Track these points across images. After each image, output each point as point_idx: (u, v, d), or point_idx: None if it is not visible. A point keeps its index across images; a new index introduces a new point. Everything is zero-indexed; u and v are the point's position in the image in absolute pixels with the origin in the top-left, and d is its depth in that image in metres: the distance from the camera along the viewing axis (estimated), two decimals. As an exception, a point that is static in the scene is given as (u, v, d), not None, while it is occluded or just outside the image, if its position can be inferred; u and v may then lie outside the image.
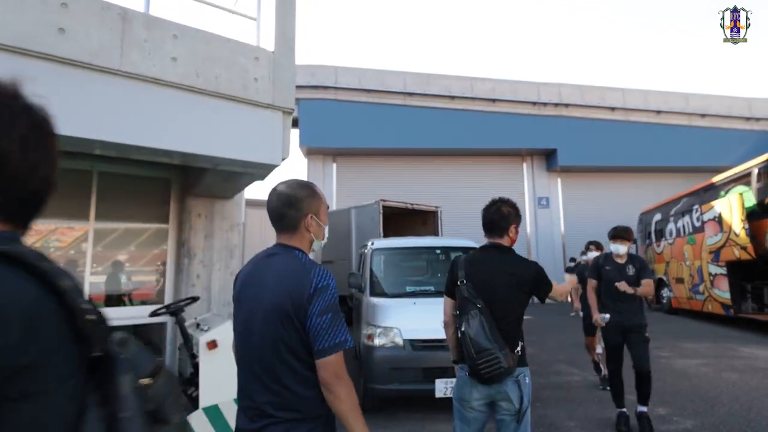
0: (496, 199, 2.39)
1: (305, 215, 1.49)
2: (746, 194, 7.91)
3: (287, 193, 1.50)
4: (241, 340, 1.46)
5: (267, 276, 1.44)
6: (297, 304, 1.34)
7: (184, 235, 4.95)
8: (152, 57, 3.00)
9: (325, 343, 1.31)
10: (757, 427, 3.79)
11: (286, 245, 1.50)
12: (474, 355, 2.01)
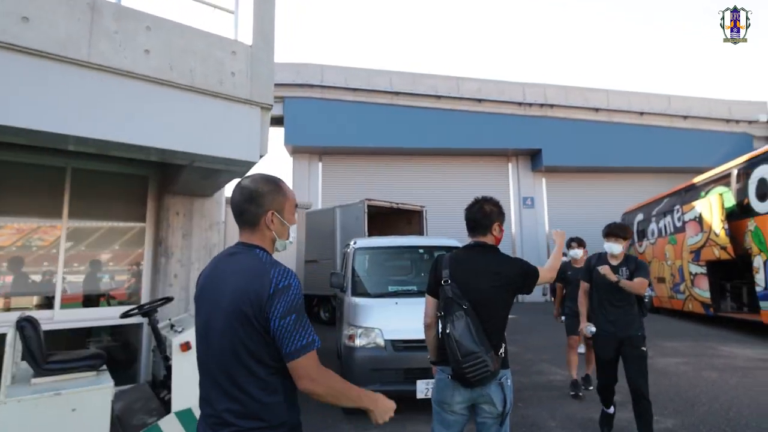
0: (479, 197, 2.34)
1: (266, 212, 1.41)
2: (726, 195, 8.04)
3: (249, 188, 1.42)
4: (200, 344, 1.39)
5: (226, 276, 1.36)
6: (256, 306, 1.26)
7: (162, 234, 4.83)
8: (124, 49, 2.89)
9: (291, 346, 1.24)
10: (736, 426, 3.82)
11: (247, 243, 1.42)
12: (460, 358, 1.94)
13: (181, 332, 3.22)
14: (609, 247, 3.56)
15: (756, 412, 4.12)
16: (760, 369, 5.66)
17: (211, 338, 1.34)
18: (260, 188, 1.42)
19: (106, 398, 2.79)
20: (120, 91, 2.94)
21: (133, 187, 5.03)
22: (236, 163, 3.46)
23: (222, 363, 1.30)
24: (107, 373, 3.03)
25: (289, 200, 1.47)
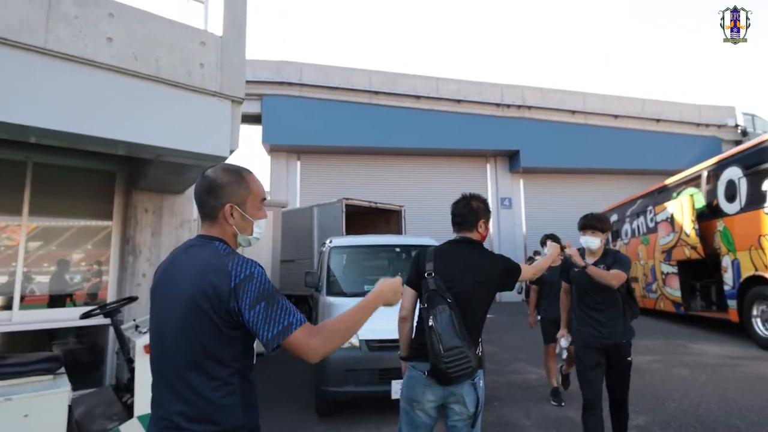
0: (465, 194, 2.31)
1: (224, 204, 1.32)
2: (696, 196, 8.24)
3: (209, 178, 1.34)
4: (153, 341, 1.30)
5: (182, 270, 1.28)
6: (216, 302, 1.18)
7: (129, 232, 4.66)
8: (84, 36, 2.75)
9: (267, 334, 1.16)
10: (705, 422, 3.88)
11: (206, 236, 1.34)
12: (442, 352, 1.88)
13: (146, 333, 3.09)
14: (585, 241, 3.10)
15: (724, 408, 4.20)
16: (728, 366, 5.80)
17: (165, 336, 1.26)
18: (220, 179, 1.33)
19: (62, 403, 2.64)
20: (82, 81, 2.80)
21: (99, 183, 4.84)
22: (206, 158, 3.34)
23: (176, 362, 1.22)
24: (65, 376, 2.88)
25: (252, 193, 1.38)
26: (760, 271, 6.62)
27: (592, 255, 3.12)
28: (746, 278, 6.95)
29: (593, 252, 3.11)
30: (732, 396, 4.54)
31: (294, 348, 1.18)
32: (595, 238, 3.06)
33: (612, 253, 3.13)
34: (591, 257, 3.11)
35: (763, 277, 6.57)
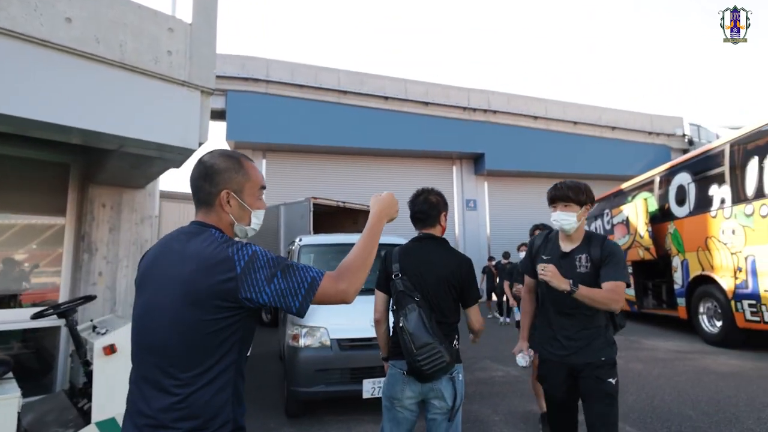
0: (420, 189, 2.31)
1: (220, 191, 1.26)
2: (650, 200, 8.67)
3: (205, 163, 1.28)
4: (138, 334, 1.22)
5: (176, 259, 1.20)
6: (221, 292, 1.12)
7: (85, 228, 4.39)
8: (40, 15, 2.56)
9: (295, 302, 1.14)
10: (660, 412, 4.07)
11: (201, 222, 1.27)
12: (415, 350, 1.88)
13: (105, 334, 2.92)
14: (557, 218, 2.23)
15: (676, 399, 4.43)
16: (678, 360, 6.12)
17: (153, 328, 1.17)
18: (217, 164, 1.27)
19: (11, 410, 2.44)
20: (35, 63, 2.61)
21: (50, 176, 4.53)
22: (172, 150, 3.19)
23: (164, 355, 1.14)
24: (13, 381, 2.67)
25: (251, 181, 1.32)
26: (707, 271, 7.04)
27: (568, 240, 2.27)
28: (694, 277, 7.37)
29: (569, 236, 2.26)
30: (683, 388, 4.79)
31: (326, 299, 1.18)
32: (569, 213, 2.20)
33: (597, 239, 2.25)
34: (567, 243, 2.28)
35: (709, 277, 6.98)
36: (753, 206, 6.13)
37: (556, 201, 2.27)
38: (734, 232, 6.47)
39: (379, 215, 1.41)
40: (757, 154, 6.15)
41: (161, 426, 1.11)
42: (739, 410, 4.06)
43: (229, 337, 1.17)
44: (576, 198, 2.23)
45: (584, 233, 2.29)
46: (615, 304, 2.05)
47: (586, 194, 2.26)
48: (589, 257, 2.20)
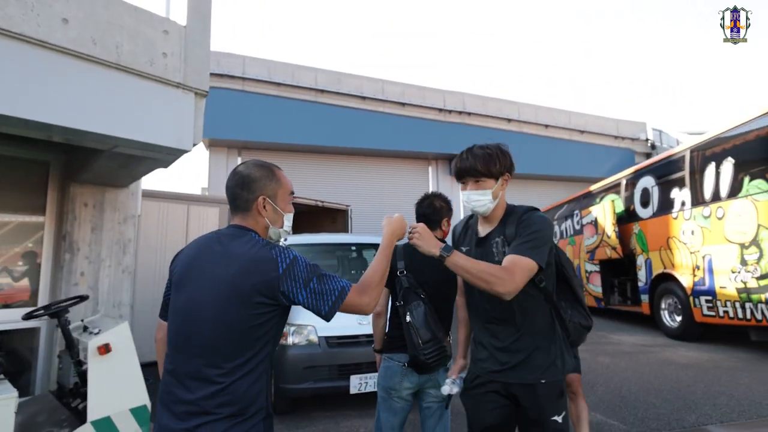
0: (428, 193, 2.46)
1: (257, 197, 1.40)
2: (616, 202, 9.12)
3: (242, 173, 1.43)
4: (181, 328, 1.32)
5: (219, 258, 1.32)
6: (266, 288, 1.25)
7: (67, 227, 4.32)
8: (37, 15, 2.56)
9: (325, 306, 1.28)
10: (627, 402, 4.37)
11: (240, 226, 1.41)
12: (421, 345, 2.01)
13: (98, 334, 2.93)
14: (467, 199, 1.76)
15: (642, 389, 4.75)
16: (642, 353, 6.51)
17: (198, 323, 1.28)
18: (252, 173, 1.42)
19: (8, 410, 2.44)
20: (34, 63, 2.59)
21: (29, 174, 4.44)
22: (164, 150, 3.22)
23: (208, 347, 1.25)
24: (7, 382, 2.66)
25: (283, 187, 1.48)
26: (668, 269, 7.49)
27: (486, 223, 1.82)
28: (656, 275, 7.82)
29: (485, 217, 1.81)
30: (647, 378, 5.13)
31: (350, 309, 1.31)
32: (481, 192, 1.73)
33: (515, 214, 1.76)
34: (485, 226, 1.83)
35: (670, 275, 7.44)
36: (710, 209, 6.58)
37: (464, 176, 1.77)
38: (693, 233, 6.92)
39: (391, 236, 1.56)
40: (714, 160, 6.60)
41: (203, 412, 1.21)
42: (697, 397, 4.41)
43: (267, 332, 1.30)
44: (487, 170, 1.71)
45: (504, 211, 1.79)
46: (499, 284, 1.49)
47: (499, 162, 1.71)
48: (505, 239, 1.70)
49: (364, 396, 4.10)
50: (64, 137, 3.08)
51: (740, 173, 6.12)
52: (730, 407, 4.11)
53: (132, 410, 2.90)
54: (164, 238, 6.19)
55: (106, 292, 4.48)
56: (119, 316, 4.52)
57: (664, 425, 3.77)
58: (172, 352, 1.33)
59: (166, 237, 6.20)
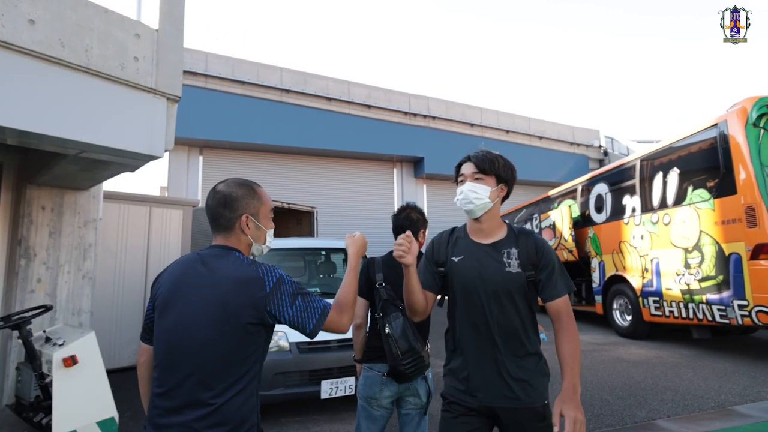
0: (404, 205, 2.54)
1: (240, 216, 1.41)
2: (573, 207, 9.56)
3: (223, 192, 1.42)
4: (169, 351, 1.31)
5: (205, 279, 1.33)
6: (253, 308, 1.27)
7: (22, 232, 4.12)
8: (1, 15, 2.45)
9: (310, 324, 1.33)
10: (584, 399, 4.63)
11: (224, 246, 1.41)
12: (400, 355, 2.08)
13: (63, 345, 2.83)
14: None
15: (597, 386, 5.05)
16: (597, 351, 6.89)
17: (189, 344, 1.28)
18: (234, 192, 1.42)
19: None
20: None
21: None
22: (138, 157, 3.14)
23: (202, 368, 1.26)
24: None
25: (264, 204, 1.49)
26: (620, 272, 7.95)
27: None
28: (609, 277, 8.28)
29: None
30: (601, 376, 5.45)
31: (331, 327, 1.38)
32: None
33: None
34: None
35: (622, 277, 7.90)
36: (657, 215, 7.05)
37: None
38: (642, 238, 7.38)
39: (357, 255, 1.66)
40: (662, 170, 7.08)
41: None
42: (646, 393, 4.73)
43: (256, 350, 1.33)
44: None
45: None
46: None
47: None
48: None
49: (334, 401, 4.15)
50: (18, 140, 2.95)
51: (684, 183, 6.60)
52: (675, 402, 4.45)
53: (99, 423, 2.82)
54: (125, 242, 5.98)
55: (65, 299, 4.30)
56: (79, 324, 4.35)
57: (617, 420, 4.04)
58: (159, 375, 1.31)
59: (126, 240, 5.98)
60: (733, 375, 5.31)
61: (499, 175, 1.70)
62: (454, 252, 1.73)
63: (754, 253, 5.42)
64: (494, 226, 1.71)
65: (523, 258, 1.63)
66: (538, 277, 1.62)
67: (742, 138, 5.65)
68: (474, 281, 1.63)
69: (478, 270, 1.63)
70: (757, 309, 5.37)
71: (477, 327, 1.64)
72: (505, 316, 1.60)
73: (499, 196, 1.73)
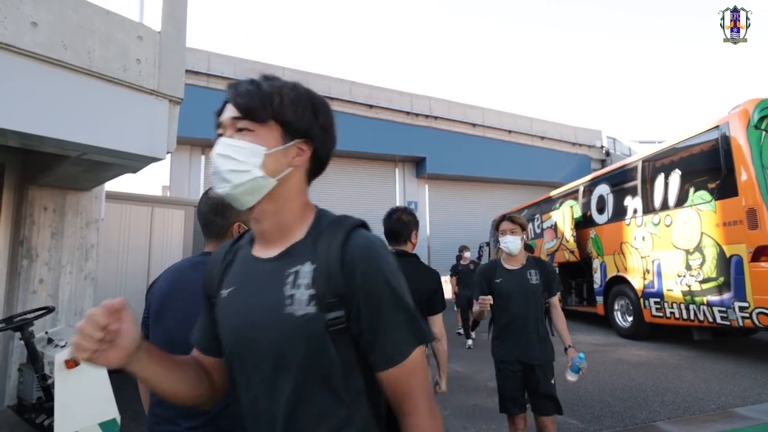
0: (394, 208, 2.54)
1: (233, 223, 1.41)
2: (575, 207, 9.56)
3: (215, 199, 1.41)
4: None
5: (197, 288, 1.31)
6: None
7: (24, 232, 4.13)
8: (4, 17, 2.46)
9: None
10: (585, 400, 4.64)
11: None
12: None
13: (65, 347, 2.84)
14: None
15: (597, 387, 5.05)
16: (598, 352, 6.89)
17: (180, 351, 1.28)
18: (226, 199, 1.40)
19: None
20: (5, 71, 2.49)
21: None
22: (140, 159, 3.15)
23: None
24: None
25: None
26: (621, 273, 7.95)
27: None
28: (610, 278, 8.28)
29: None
30: (602, 377, 5.45)
31: None
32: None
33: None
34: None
35: (623, 278, 7.89)
36: (659, 216, 7.04)
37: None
38: (644, 239, 7.38)
39: None
40: (663, 171, 7.07)
41: None
42: (647, 395, 4.73)
43: None
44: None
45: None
46: None
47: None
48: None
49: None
50: (20, 142, 2.96)
51: (686, 184, 6.59)
52: (676, 404, 4.45)
53: (101, 424, 2.83)
54: (127, 242, 5.99)
55: (67, 299, 4.31)
56: (81, 325, 4.36)
57: (618, 422, 4.04)
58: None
59: (128, 240, 6.00)
60: (733, 377, 5.30)
61: (286, 121, 0.88)
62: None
63: (755, 255, 5.42)
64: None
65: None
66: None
67: (744, 140, 5.64)
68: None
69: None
70: (757, 311, 5.36)
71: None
72: None
73: (293, 163, 0.90)
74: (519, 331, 2.78)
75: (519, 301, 2.74)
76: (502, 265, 2.88)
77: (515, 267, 2.83)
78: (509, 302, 2.76)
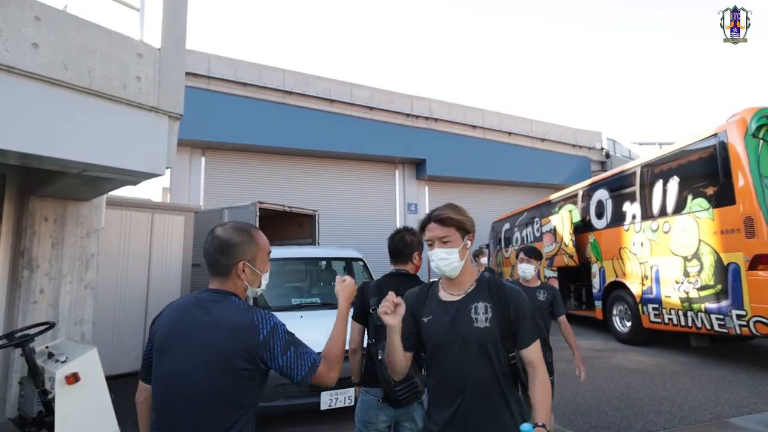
0: (400, 228, 2.56)
1: (237, 262, 1.44)
2: (574, 212, 9.58)
3: (220, 238, 1.45)
4: (167, 395, 1.35)
5: (203, 324, 1.36)
6: (247, 354, 1.31)
7: (25, 243, 4.16)
8: (6, 40, 2.48)
9: (300, 372, 1.38)
10: (582, 410, 4.67)
11: (220, 291, 1.44)
12: (393, 382, 2.10)
13: (66, 362, 2.88)
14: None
15: (594, 396, 5.08)
16: (596, 358, 6.92)
17: (187, 389, 1.32)
18: (232, 239, 1.45)
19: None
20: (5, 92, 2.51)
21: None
22: (139, 175, 3.18)
23: (196, 411, 1.30)
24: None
25: (261, 249, 1.52)
26: (620, 278, 7.97)
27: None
28: (609, 283, 8.30)
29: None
30: (600, 385, 5.48)
31: (319, 381, 1.41)
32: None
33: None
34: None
35: (621, 283, 7.92)
36: (657, 223, 7.06)
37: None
38: (642, 245, 7.40)
39: (346, 302, 1.70)
40: (662, 178, 7.09)
41: None
42: (643, 404, 4.76)
43: (253, 393, 1.37)
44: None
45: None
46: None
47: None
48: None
49: (334, 411, 4.19)
50: (20, 161, 2.99)
51: (684, 191, 6.61)
52: (672, 413, 4.48)
53: (101, 439, 2.87)
54: (126, 249, 6.03)
55: (68, 309, 4.35)
56: (81, 335, 4.40)
57: (614, 433, 4.07)
58: (157, 419, 1.36)
59: (128, 247, 6.03)
60: (731, 385, 5.33)
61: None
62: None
63: (753, 264, 5.44)
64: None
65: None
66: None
67: (742, 148, 5.66)
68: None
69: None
70: (755, 319, 5.39)
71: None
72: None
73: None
74: None
75: None
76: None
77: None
78: None
